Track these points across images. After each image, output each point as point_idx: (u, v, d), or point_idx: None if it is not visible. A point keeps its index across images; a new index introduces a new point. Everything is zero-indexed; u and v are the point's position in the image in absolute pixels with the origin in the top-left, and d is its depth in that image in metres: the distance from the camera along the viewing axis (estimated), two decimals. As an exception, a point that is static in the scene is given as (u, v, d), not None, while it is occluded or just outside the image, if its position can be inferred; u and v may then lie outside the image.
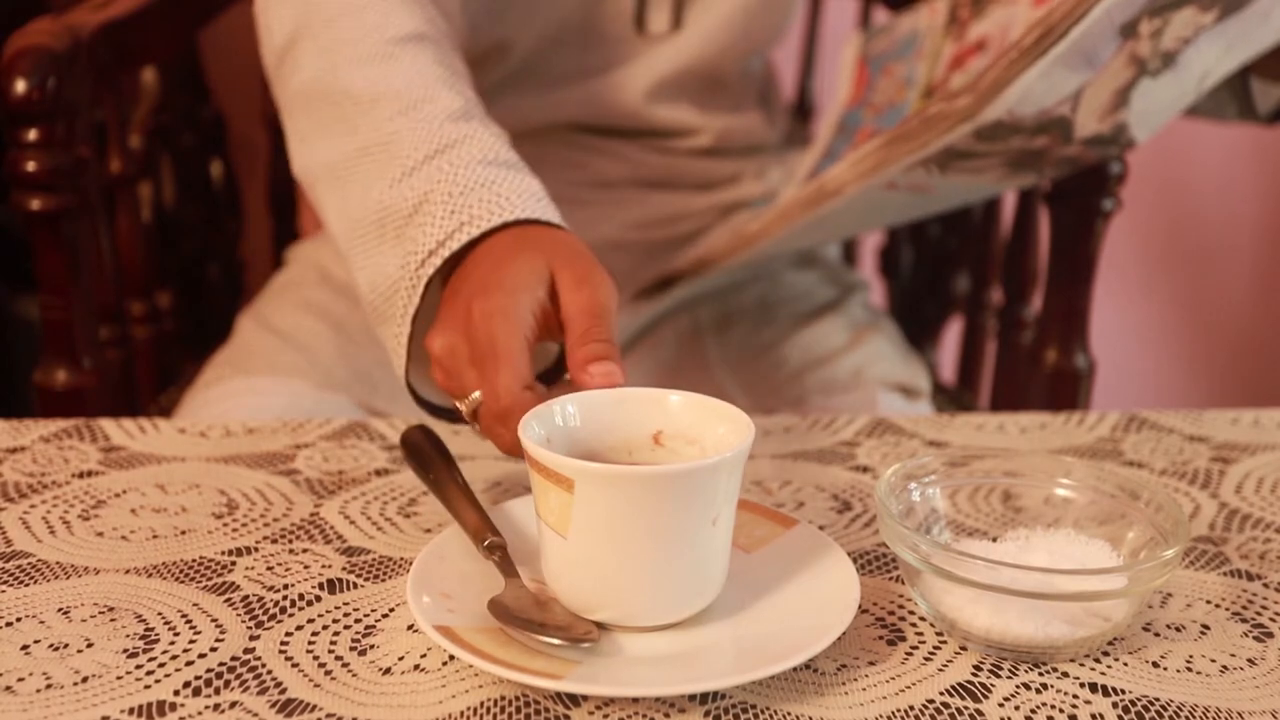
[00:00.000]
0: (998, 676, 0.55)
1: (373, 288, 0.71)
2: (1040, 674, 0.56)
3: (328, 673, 0.54)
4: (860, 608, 0.60)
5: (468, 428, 0.72)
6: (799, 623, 0.56)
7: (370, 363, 0.99)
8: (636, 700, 0.53)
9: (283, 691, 0.53)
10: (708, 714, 0.52)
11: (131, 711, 0.51)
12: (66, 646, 0.56)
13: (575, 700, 0.53)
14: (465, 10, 0.92)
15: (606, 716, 0.52)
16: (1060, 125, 0.81)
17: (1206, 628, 0.60)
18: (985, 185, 0.93)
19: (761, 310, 1.09)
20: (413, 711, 0.52)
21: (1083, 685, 0.55)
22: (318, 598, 0.60)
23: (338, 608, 0.60)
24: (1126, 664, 0.56)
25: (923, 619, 0.60)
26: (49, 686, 0.53)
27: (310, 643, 0.57)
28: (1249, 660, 0.57)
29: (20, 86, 0.88)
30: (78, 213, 0.91)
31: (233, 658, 0.55)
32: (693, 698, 0.53)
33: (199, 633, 0.57)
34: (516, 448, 0.58)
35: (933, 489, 0.64)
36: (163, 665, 0.54)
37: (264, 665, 0.55)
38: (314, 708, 0.52)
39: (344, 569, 0.63)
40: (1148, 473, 0.76)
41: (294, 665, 0.55)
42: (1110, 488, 0.63)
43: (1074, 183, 1.04)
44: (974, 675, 0.55)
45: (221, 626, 0.58)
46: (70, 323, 0.93)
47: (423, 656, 0.56)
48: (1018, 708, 0.53)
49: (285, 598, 0.60)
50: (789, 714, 0.52)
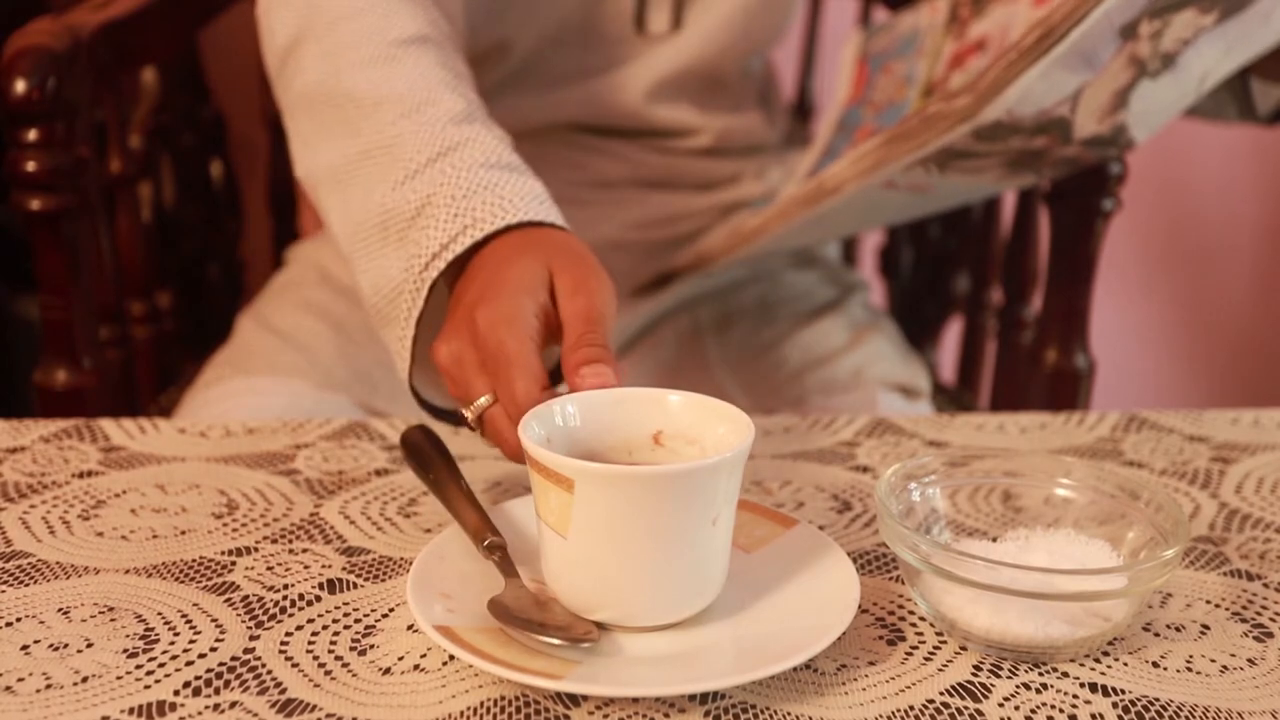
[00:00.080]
0: (998, 676, 0.55)
1: (376, 291, 0.71)
2: (1040, 674, 0.56)
3: (328, 673, 0.54)
4: (860, 608, 0.60)
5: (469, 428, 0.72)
6: (799, 623, 0.56)
7: (370, 363, 0.99)
8: (636, 700, 0.53)
9: (283, 691, 0.53)
10: (708, 714, 0.52)
11: (131, 711, 0.51)
12: (66, 646, 0.56)
13: (575, 700, 0.53)
14: (466, 11, 0.92)
15: (606, 716, 0.52)
16: (1059, 126, 0.81)
17: (1206, 628, 0.60)
18: (984, 185, 0.93)
19: (761, 310, 1.09)
20: (413, 711, 0.52)
21: (1083, 685, 0.55)
22: (318, 598, 0.60)
23: (338, 608, 0.60)
24: (1126, 664, 0.56)
25: (923, 619, 0.60)
26: (49, 686, 0.53)
27: (310, 643, 0.57)
28: (1249, 660, 0.57)
29: (20, 86, 0.88)
30: (78, 213, 0.91)
31: (233, 658, 0.55)
32: (693, 698, 0.53)
33: (199, 633, 0.57)
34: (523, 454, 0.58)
35: (933, 489, 0.64)
36: (163, 665, 0.55)
37: (264, 665, 0.55)
38: (314, 708, 0.52)
39: (344, 569, 0.63)
40: (1148, 473, 0.76)
41: (294, 665, 0.55)
42: (1110, 488, 0.63)
43: (1074, 183, 1.04)
44: (974, 675, 0.55)
45: (221, 626, 0.58)
46: (70, 323, 0.93)
47: (423, 656, 0.56)
48: (1018, 708, 0.53)
49: (285, 598, 0.60)
50: (789, 714, 0.52)
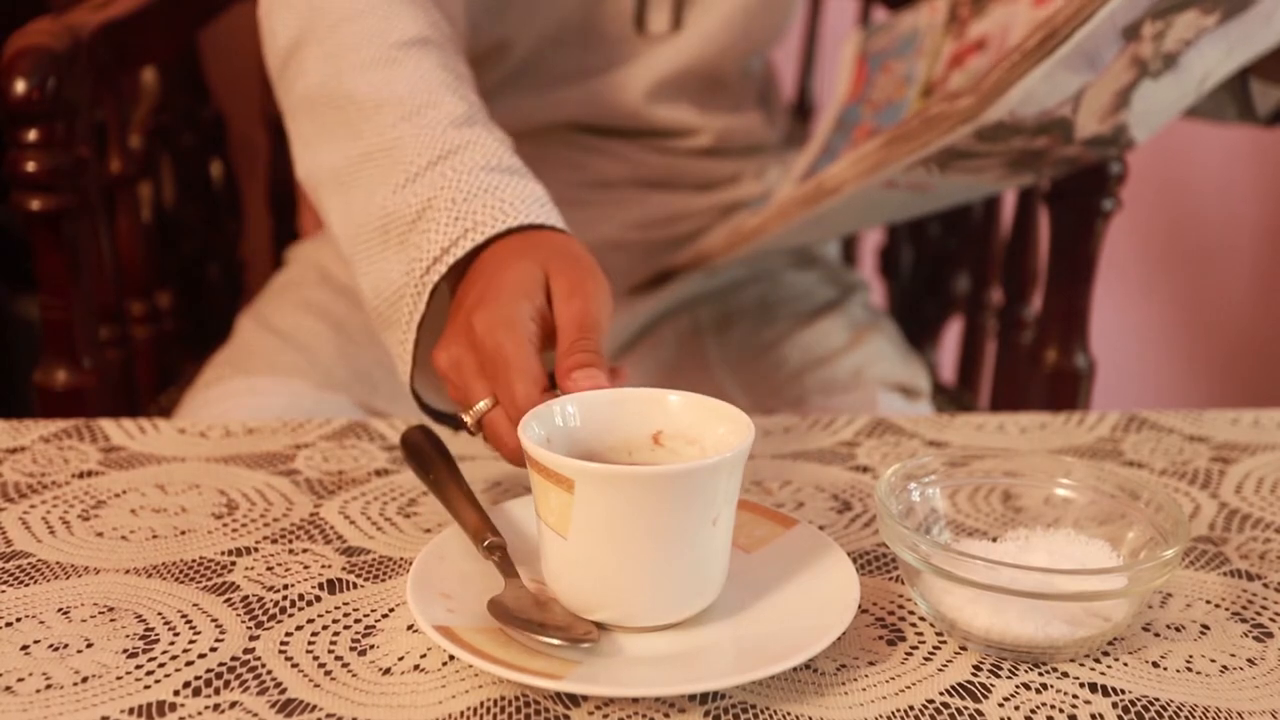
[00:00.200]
0: (997, 676, 0.55)
1: (376, 293, 0.71)
2: (1040, 674, 0.56)
3: (328, 673, 0.54)
4: (860, 608, 0.60)
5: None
6: (799, 623, 0.56)
7: (370, 363, 0.99)
8: (636, 700, 0.53)
9: (283, 692, 0.53)
10: (708, 714, 0.52)
11: (131, 712, 0.51)
12: (66, 647, 0.56)
13: (575, 700, 0.53)
14: (467, 11, 0.92)
15: (606, 717, 0.52)
16: (1061, 126, 0.81)
17: (1206, 628, 0.60)
18: (985, 184, 0.93)
19: (761, 310, 1.09)
20: (412, 712, 0.52)
21: (1083, 685, 0.55)
22: (317, 598, 0.60)
23: (337, 608, 0.60)
24: (1126, 664, 0.56)
25: (922, 619, 0.60)
26: (49, 687, 0.53)
27: (310, 643, 0.57)
28: (1249, 660, 0.57)
29: (20, 86, 0.88)
30: (78, 213, 0.91)
31: (233, 658, 0.55)
32: (693, 698, 0.53)
33: (199, 633, 0.57)
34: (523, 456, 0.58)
35: (933, 489, 0.64)
36: (162, 665, 0.54)
37: (264, 665, 0.55)
38: (314, 708, 0.52)
39: (344, 569, 0.63)
40: (1148, 473, 0.76)
41: (294, 665, 0.55)
42: (1110, 488, 0.63)
43: (1074, 183, 1.04)
44: (974, 675, 0.55)
45: (221, 627, 0.58)
46: (70, 323, 0.93)
47: (423, 657, 0.56)
48: (1017, 708, 0.53)
49: (285, 598, 0.60)
50: (789, 714, 0.52)
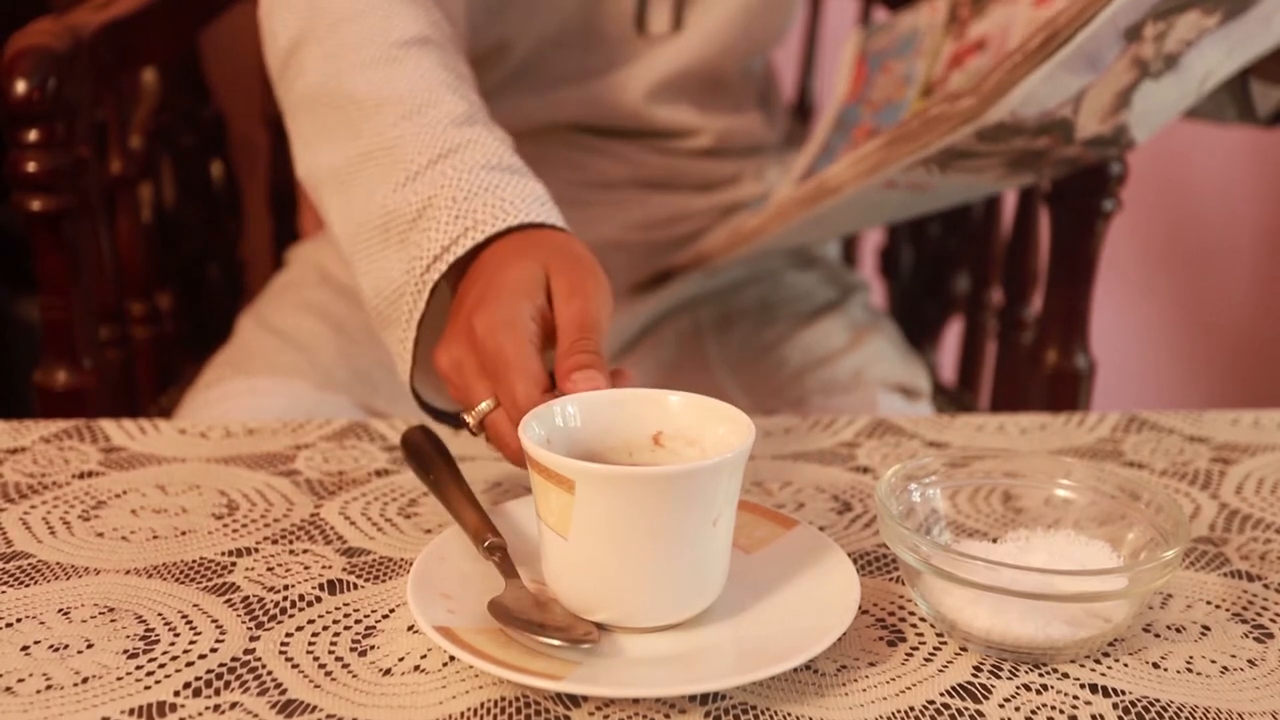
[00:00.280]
0: (998, 677, 0.55)
1: (377, 292, 0.71)
2: (1040, 675, 0.55)
3: (328, 673, 0.54)
4: (860, 609, 0.60)
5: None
6: (799, 624, 0.56)
7: (370, 363, 0.99)
8: (637, 701, 0.53)
9: (283, 692, 0.53)
10: (708, 715, 0.52)
11: (131, 712, 0.51)
12: (66, 647, 0.56)
13: (575, 701, 0.53)
14: (467, 12, 0.92)
15: (607, 717, 0.52)
16: (1062, 126, 0.81)
17: (1207, 629, 0.60)
18: (985, 184, 0.93)
19: (762, 311, 1.09)
20: (413, 712, 0.52)
21: (1083, 686, 0.55)
22: (318, 598, 0.60)
23: (338, 608, 0.60)
24: (1127, 665, 0.56)
25: (923, 620, 0.60)
26: (49, 687, 0.53)
27: (310, 643, 0.57)
28: (1249, 661, 0.57)
29: (21, 87, 0.88)
30: (78, 213, 0.91)
31: (233, 658, 0.55)
32: (693, 698, 0.53)
33: (199, 633, 0.57)
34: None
35: (933, 490, 0.64)
36: (163, 666, 0.54)
37: (264, 666, 0.55)
38: (314, 708, 0.52)
39: (344, 570, 0.63)
40: (1148, 473, 0.76)
41: (294, 666, 0.55)
42: (1110, 488, 0.63)
43: (1074, 183, 1.04)
44: (974, 676, 0.55)
45: (221, 627, 0.58)
46: (70, 323, 0.93)
47: (423, 657, 0.56)
48: (1018, 709, 0.53)
49: (285, 598, 0.60)
50: (789, 715, 0.52)
